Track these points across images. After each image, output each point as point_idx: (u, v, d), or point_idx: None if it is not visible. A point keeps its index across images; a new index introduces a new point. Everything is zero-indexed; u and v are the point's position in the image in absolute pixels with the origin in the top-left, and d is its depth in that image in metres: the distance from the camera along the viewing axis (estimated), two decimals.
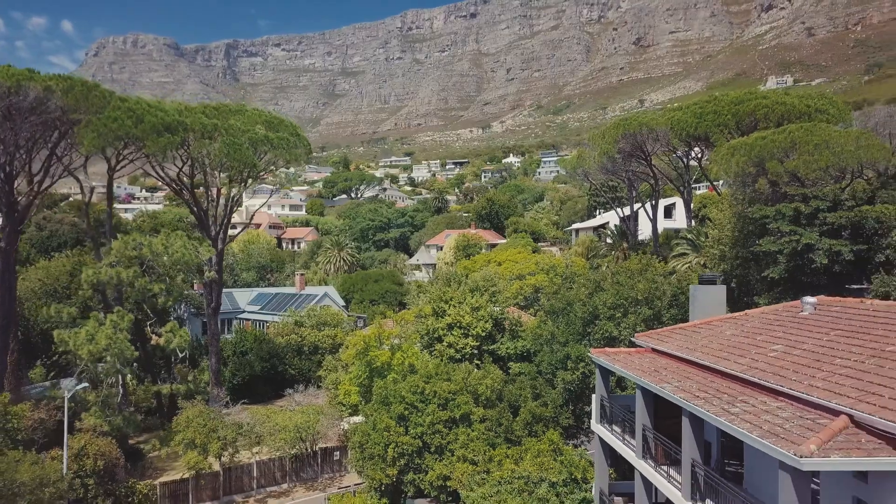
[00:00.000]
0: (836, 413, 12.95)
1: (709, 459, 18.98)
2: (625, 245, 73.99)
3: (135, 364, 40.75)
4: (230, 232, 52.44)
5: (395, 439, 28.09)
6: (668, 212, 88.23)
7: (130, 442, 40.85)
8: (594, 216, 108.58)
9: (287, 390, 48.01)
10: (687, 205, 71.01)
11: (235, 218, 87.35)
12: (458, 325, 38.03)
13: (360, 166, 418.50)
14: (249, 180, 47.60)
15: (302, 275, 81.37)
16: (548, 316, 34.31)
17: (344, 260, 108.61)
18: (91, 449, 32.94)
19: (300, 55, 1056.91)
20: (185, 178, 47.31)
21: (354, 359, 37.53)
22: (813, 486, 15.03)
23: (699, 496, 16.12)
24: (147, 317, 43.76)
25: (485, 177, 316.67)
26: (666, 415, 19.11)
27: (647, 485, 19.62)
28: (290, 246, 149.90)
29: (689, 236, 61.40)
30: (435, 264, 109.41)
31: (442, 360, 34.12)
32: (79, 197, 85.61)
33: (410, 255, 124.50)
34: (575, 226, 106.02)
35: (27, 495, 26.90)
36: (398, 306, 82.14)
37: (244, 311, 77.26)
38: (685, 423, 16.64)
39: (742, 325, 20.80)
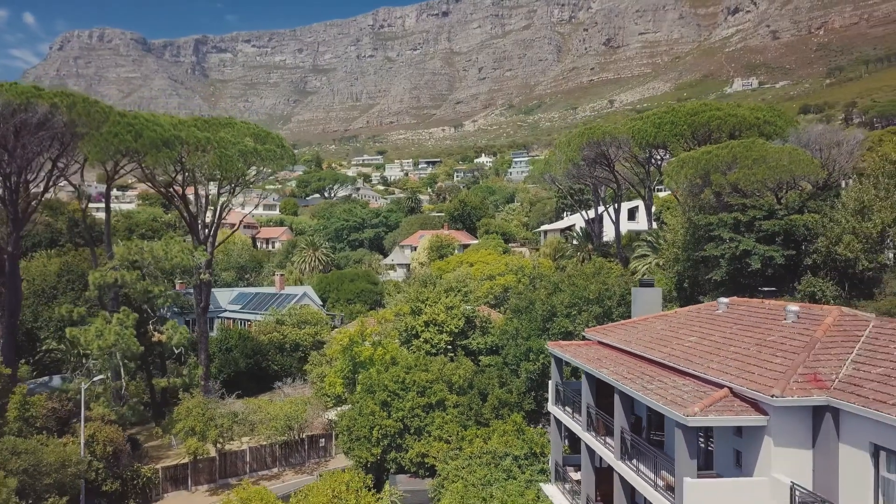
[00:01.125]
0: (721, 387, 17.26)
1: (640, 431, 23.25)
2: (590, 246, 78.20)
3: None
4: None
5: (379, 422, 32.07)
6: (632, 214, 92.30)
7: (128, 432, 44.22)
8: (562, 218, 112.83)
9: (276, 383, 51.60)
10: (648, 208, 75.47)
11: (210, 218, 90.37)
12: (433, 322, 42.05)
13: (333, 165, 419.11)
14: (238, 188, 51.16)
15: (281, 275, 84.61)
16: (513, 314, 38.55)
17: (319, 260, 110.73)
18: (101, 436, 36.37)
19: (271, 52, 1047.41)
20: (177, 187, 50.72)
21: (340, 353, 41.37)
22: (710, 447, 19.36)
23: (627, 456, 20.39)
24: (145, 315, 46.99)
25: (457, 176, 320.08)
26: (605, 394, 23.35)
27: (591, 452, 23.88)
28: (264, 245, 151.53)
29: (648, 238, 65.74)
30: (409, 264, 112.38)
31: (419, 354, 38.12)
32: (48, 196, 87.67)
33: (385, 255, 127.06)
34: (543, 227, 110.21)
35: (53, 474, 30.37)
36: (374, 305, 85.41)
37: (225, 311, 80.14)
38: (617, 399, 20.91)
39: (670, 321, 25.14)
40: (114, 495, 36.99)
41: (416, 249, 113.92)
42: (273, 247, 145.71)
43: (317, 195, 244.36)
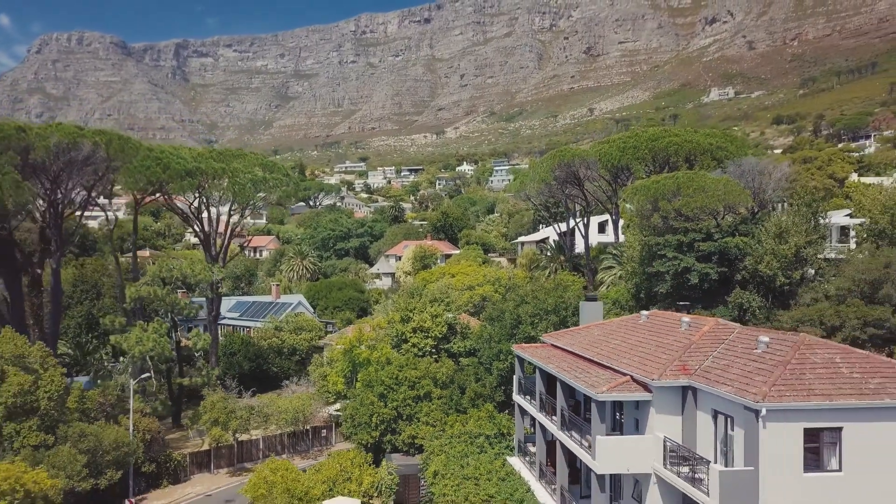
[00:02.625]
0: (625, 375, 24.83)
1: (579, 411, 30.74)
2: (562, 258, 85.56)
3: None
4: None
5: (377, 411, 39.36)
6: (602, 227, 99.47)
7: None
8: (538, 230, 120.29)
9: (284, 382, 58.62)
10: (615, 223, 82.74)
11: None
12: (420, 328, 49.34)
13: (316, 172, 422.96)
14: (247, 210, 58.31)
15: (277, 285, 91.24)
16: (487, 322, 45.99)
17: (306, 268, 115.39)
18: (140, 425, 43.31)
19: (252, 56, 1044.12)
20: (193, 210, 57.76)
21: (341, 355, 48.61)
22: (622, 420, 26.85)
23: (566, 427, 27.91)
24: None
25: (439, 184, 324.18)
26: (553, 384, 30.85)
27: (543, 429, 31.39)
28: (252, 254, 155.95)
29: (614, 252, 73.18)
30: (394, 273, 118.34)
31: (409, 356, 45.40)
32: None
33: (370, 264, 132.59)
34: (520, 239, 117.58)
35: (112, 452, 37.36)
36: (361, 312, 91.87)
37: (225, 318, 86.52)
38: (559, 386, 28.43)
39: (605, 328, 32.74)
40: (151, 475, 43.99)
41: (400, 259, 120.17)
42: (261, 255, 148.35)
43: (302, 203, 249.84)
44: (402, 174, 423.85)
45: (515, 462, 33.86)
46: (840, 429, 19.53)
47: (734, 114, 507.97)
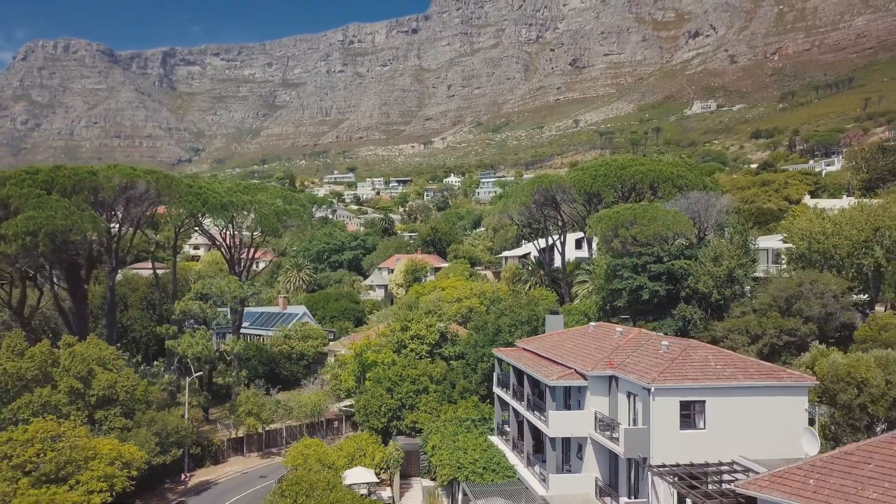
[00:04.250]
0: (571, 368, 35.01)
1: (543, 398, 40.82)
2: (541, 272, 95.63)
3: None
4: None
5: (385, 402, 49.37)
6: (579, 244, 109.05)
7: None
8: (521, 245, 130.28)
9: (302, 381, 68.58)
10: (589, 241, 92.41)
11: (200, 239, 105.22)
12: (417, 336, 59.33)
13: (306, 183, 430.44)
14: (268, 236, 68.25)
15: (284, 298, 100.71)
16: (473, 330, 56.19)
17: (303, 280, 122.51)
18: (190, 415, 53.06)
19: (240, 65, 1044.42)
20: (222, 236, 67.64)
21: (351, 359, 58.65)
22: (570, 402, 36.93)
23: (530, 408, 38.06)
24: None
25: (427, 195, 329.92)
26: (521, 377, 40.98)
27: (515, 412, 41.56)
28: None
29: (587, 268, 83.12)
30: (387, 285, 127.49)
31: (409, 359, 55.46)
32: None
33: (363, 276, 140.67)
34: (504, 253, 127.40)
35: (174, 435, 47.16)
36: (357, 321, 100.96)
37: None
38: (525, 378, 38.60)
39: (563, 335, 42.98)
40: (197, 456, 53.72)
41: (393, 272, 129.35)
42: (257, 267, 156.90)
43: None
44: (391, 185, 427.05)
45: (495, 439, 43.99)
46: (704, 401, 29.79)
47: (715, 127, 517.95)
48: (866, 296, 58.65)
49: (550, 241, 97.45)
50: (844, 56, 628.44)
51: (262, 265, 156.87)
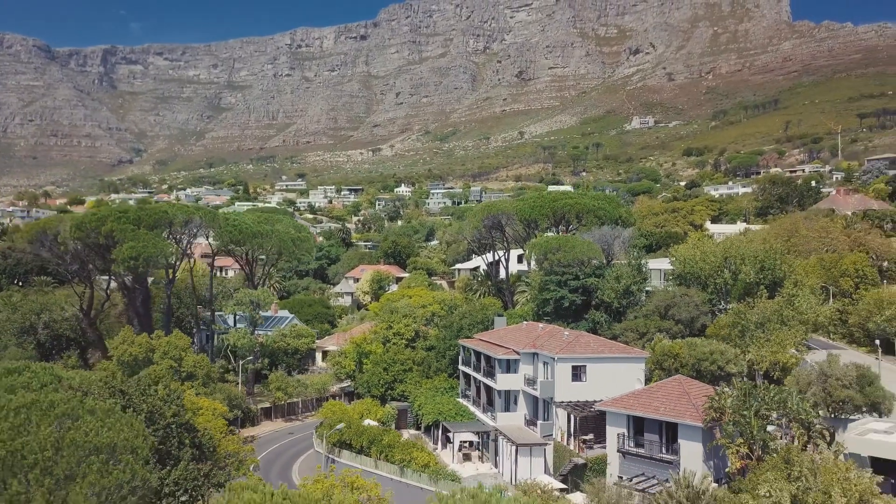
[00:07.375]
0: (510, 348, 57.02)
1: (492, 367, 62.58)
2: (489, 283, 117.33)
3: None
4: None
5: (381, 377, 70.73)
6: (521, 258, 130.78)
7: None
8: (471, 258, 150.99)
9: (311, 367, 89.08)
10: (529, 257, 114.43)
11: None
12: (398, 333, 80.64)
13: (258, 190, 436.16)
14: (282, 258, 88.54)
15: (276, 303, 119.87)
16: (441, 328, 78.11)
17: (272, 287, 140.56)
18: (235, 391, 73.17)
19: (184, 66, 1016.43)
20: (244, 257, 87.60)
21: (351, 348, 79.74)
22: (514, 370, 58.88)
23: (485, 375, 59.98)
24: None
25: (379, 205, 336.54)
26: (479, 356, 62.80)
27: (475, 379, 63.48)
28: (219, 273, 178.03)
29: (526, 280, 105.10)
30: (353, 293, 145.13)
31: (397, 348, 76.86)
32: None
33: (330, 284, 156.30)
34: (457, 266, 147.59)
35: (234, 401, 67.49)
36: (330, 324, 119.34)
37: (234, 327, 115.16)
38: (482, 357, 60.63)
39: (507, 330, 65.10)
40: (237, 420, 73.82)
41: (359, 281, 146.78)
42: (227, 275, 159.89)
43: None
44: (343, 193, 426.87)
45: (461, 401, 65.82)
46: (585, 366, 52.17)
47: (652, 142, 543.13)
48: (722, 303, 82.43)
49: (497, 257, 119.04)
50: (772, 77, 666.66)
51: (230, 273, 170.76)
